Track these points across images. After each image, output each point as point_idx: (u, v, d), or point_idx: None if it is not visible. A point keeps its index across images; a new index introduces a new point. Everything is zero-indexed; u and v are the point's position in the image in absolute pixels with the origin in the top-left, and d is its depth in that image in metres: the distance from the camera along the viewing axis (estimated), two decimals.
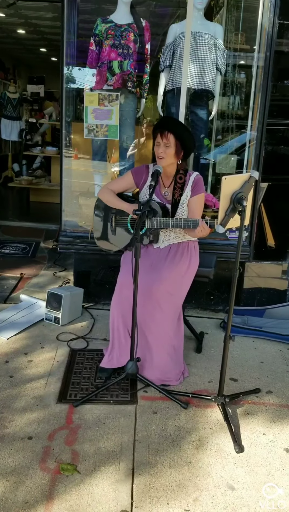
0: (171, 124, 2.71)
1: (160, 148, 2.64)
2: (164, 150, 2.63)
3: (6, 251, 4.93)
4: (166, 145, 2.61)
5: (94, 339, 3.27)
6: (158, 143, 2.65)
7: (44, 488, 1.96)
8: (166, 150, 2.63)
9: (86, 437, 2.28)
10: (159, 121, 2.81)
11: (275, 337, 3.42)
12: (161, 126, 2.66)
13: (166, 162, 2.67)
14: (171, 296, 2.71)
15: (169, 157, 2.65)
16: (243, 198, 2.23)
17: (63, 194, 3.85)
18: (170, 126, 2.65)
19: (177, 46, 3.71)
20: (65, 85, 3.70)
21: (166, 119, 2.82)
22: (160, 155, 2.64)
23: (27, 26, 7.65)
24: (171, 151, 2.63)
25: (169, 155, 2.64)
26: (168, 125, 2.65)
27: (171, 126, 2.65)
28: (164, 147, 2.62)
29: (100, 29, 3.68)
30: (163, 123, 2.70)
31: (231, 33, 4.11)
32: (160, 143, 2.63)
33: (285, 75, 3.76)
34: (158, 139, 2.65)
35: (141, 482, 2.03)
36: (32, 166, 8.55)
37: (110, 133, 3.76)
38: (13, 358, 2.96)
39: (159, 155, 2.65)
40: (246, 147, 3.89)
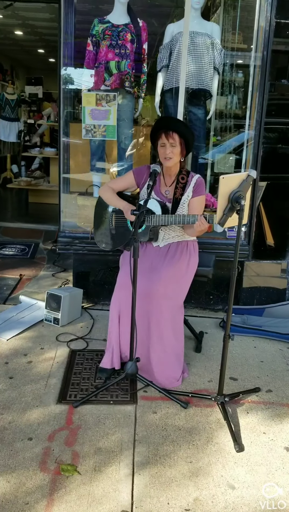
0: (174, 123, 2.69)
1: (166, 148, 2.61)
2: (171, 150, 2.61)
3: (5, 252, 4.93)
4: (172, 144, 2.60)
5: (94, 340, 3.27)
6: (163, 144, 2.62)
7: (44, 489, 1.96)
8: (173, 150, 2.61)
9: (86, 438, 2.28)
10: (158, 121, 2.77)
11: (275, 336, 3.42)
12: (163, 126, 2.62)
13: (174, 161, 2.66)
14: (170, 295, 2.70)
15: (176, 157, 2.65)
16: (241, 197, 2.23)
17: (62, 195, 3.85)
18: (173, 125, 2.62)
19: (174, 46, 3.70)
20: (63, 86, 3.70)
21: (166, 119, 2.79)
22: (168, 155, 2.62)
23: (25, 27, 7.65)
24: (177, 150, 2.63)
25: (176, 154, 2.64)
26: (171, 125, 2.62)
27: (174, 125, 2.63)
28: (171, 147, 2.60)
29: (98, 29, 3.67)
30: (165, 123, 2.66)
31: (228, 33, 4.11)
32: (166, 144, 2.60)
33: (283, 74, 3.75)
34: (162, 140, 2.61)
35: (141, 482, 2.03)
36: (31, 167, 8.56)
37: (108, 133, 3.76)
38: (12, 359, 2.96)
39: (167, 156, 2.62)
40: (244, 146, 3.89)
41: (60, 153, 3.79)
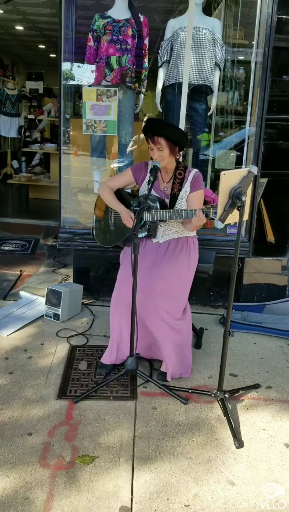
0: (157, 127, 2.68)
1: (154, 153, 2.65)
2: (159, 154, 2.64)
3: (5, 248, 4.93)
4: (159, 149, 2.63)
5: (94, 336, 3.27)
6: (151, 148, 2.66)
7: (44, 485, 1.96)
8: (161, 154, 2.64)
9: (86, 433, 2.28)
10: (145, 125, 2.73)
11: (275, 333, 3.42)
12: (148, 131, 2.64)
13: (166, 162, 2.69)
14: (172, 292, 2.70)
15: (167, 158, 2.67)
16: (242, 193, 2.22)
17: (62, 190, 3.84)
18: (157, 130, 2.63)
19: (175, 41, 3.69)
20: (64, 81, 3.68)
21: (151, 122, 2.74)
22: (157, 159, 2.65)
23: (26, 22, 7.63)
24: (166, 152, 2.64)
25: (165, 156, 2.66)
26: (155, 130, 2.63)
27: (157, 130, 2.63)
28: (158, 151, 2.64)
29: (98, 24, 3.66)
30: (149, 128, 2.66)
31: (230, 28, 4.10)
32: (153, 148, 2.64)
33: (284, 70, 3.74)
34: (150, 145, 2.65)
35: (141, 478, 2.03)
36: (31, 163, 8.55)
37: (108, 129, 3.75)
38: (13, 354, 2.96)
39: (156, 159, 2.66)
40: (245, 142, 3.88)
41: (61, 149, 3.79)
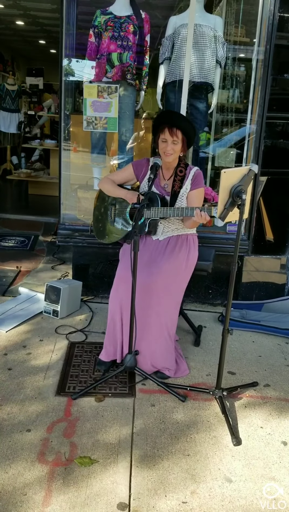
0: (178, 120, 2.62)
1: (167, 145, 2.59)
2: (172, 148, 2.59)
3: (5, 244, 4.92)
4: (174, 142, 2.58)
5: (93, 332, 3.27)
6: (165, 140, 2.59)
7: (43, 481, 1.96)
8: (174, 147, 2.59)
9: (85, 430, 2.29)
10: (162, 115, 2.70)
11: (273, 331, 3.43)
12: (168, 121, 2.58)
13: (174, 157, 2.65)
14: (169, 289, 2.70)
15: (177, 153, 2.64)
16: (242, 192, 2.22)
17: (62, 187, 3.84)
18: (178, 122, 2.58)
19: (176, 38, 3.68)
20: (64, 77, 3.67)
21: (170, 113, 2.66)
22: (168, 152, 2.60)
23: (26, 17, 7.59)
24: (179, 147, 2.61)
25: (177, 151, 2.62)
26: (175, 121, 2.58)
27: (178, 122, 2.58)
28: (172, 144, 2.58)
29: (100, 20, 3.64)
30: (169, 119, 2.61)
31: (231, 26, 4.08)
32: (167, 140, 2.58)
33: (285, 68, 3.73)
34: (165, 136, 2.58)
35: (139, 474, 2.04)
36: (31, 159, 8.53)
37: (109, 125, 3.74)
38: (11, 350, 2.96)
39: (168, 152, 2.60)
40: (246, 140, 3.87)
41: (61, 145, 3.78)
